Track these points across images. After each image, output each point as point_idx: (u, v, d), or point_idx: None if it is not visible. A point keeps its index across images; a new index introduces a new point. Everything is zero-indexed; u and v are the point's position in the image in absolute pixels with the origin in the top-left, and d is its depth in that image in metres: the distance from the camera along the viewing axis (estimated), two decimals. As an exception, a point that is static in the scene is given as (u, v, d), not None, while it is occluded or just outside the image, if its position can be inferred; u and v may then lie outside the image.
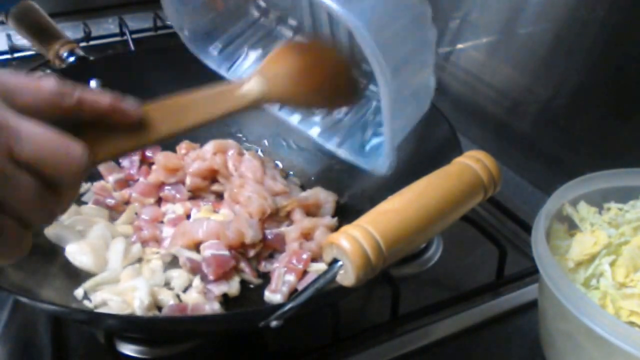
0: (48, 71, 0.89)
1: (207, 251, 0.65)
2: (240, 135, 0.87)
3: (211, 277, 0.63)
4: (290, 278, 0.65)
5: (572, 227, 0.60)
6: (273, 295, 0.64)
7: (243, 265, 0.67)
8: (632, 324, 0.52)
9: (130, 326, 0.58)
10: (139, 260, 0.69)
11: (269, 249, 0.69)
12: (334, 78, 0.62)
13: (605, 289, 0.54)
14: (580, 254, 0.56)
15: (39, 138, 0.37)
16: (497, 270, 0.69)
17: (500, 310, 0.66)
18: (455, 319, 0.64)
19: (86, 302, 0.63)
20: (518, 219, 0.77)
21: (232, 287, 0.64)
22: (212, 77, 0.85)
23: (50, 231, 0.68)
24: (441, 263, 0.72)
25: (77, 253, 0.66)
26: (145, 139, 0.47)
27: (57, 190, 0.39)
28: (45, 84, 0.41)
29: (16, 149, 0.36)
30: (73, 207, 0.72)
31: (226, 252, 0.65)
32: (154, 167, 0.79)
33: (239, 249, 0.67)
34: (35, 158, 0.37)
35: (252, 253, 0.68)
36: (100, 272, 0.66)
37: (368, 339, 0.62)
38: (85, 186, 0.77)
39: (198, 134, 0.84)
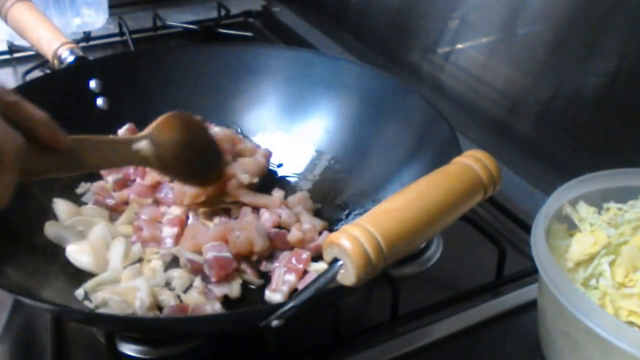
0: (48, 71, 0.89)
1: (210, 253, 0.65)
2: (238, 128, 0.87)
3: (213, 279, 0.63)
4: (291, 278, 0.65)
5: (572, 227, 0.60)
6: (273, 294, 0.64)
7: (244, 266, 0.67)
8: (631, 323, 0.52)
9: (133, 327, 0.58)
10: (139, 260, 0.69)
11: (270, 248, 0.69)
12: (207, 156, 0.70)
13: (604, 288, 0.54)
14: (579, 254, 0.56)
15: None
16: (496, 270, 0.69)
17: (499, 310, 0.66)
18: (455, 318, 0.64)
19: (87, 303, 0.63)
20: (518, 219, 0.77)
21: (234, 289, 0.64)
22: (211, 77, 0.86)
23: (50, 232, 0.68)
24: (441, 263, 0.72)
25: (77, 253, 0.67)
26: (65, 167, 0.53)
27: None
28: None
29: None
30: (73, 208, 0.72)
31: (228, 254, 0.65)
32: None
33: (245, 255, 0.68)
34: None
35: (255, 257, 0.68)
36: (100, 273, 0.66)
37: (368, 339, 0.62)
38: (84, 186, 0.77)
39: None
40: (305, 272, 0.66)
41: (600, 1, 0.78)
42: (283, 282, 0.65)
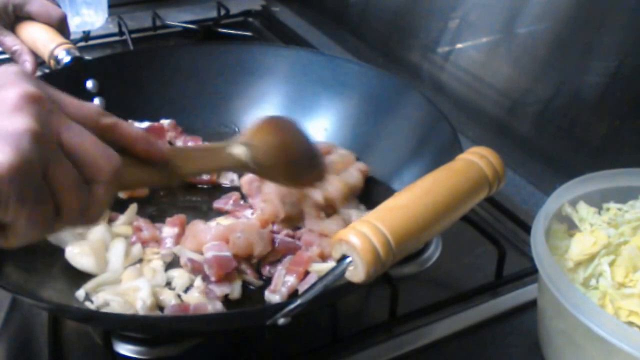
0: (47, 70, 0.88)
1: (209, 252, 0.65)
2: (237, 128, 0.87)
3: (213, 279, 0.63)
4: (291, 279, 0.65)
5: (572, 227, 0.60)
6: (272, 295, 0.64)
7: (244, 267, 0.66)
8: (631, 323, 0.52)
9: (136, 326, 0.58)
10: (140, 260, 0.69)
11: (277, 255, 0.68)
12: (303, 158, 0.68)
13: (604, 288, 0.54)
14: (579, 254, 0.56)
15: (85, 134, 0.42)
16: (496, 270, 0.69)
17: (499, 310, 0.66)
18: (454, 319, 0.64)
19: (88, 304, 0.63)
20: (517, 219, 0.77)
21: (235, 290, 0.64)
22: (210, 77, 0.86)
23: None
24: (440, 263, 0.72)
25: (77, 255, 0.66)
26: (162, 178, 0.53)
27: (91, 189, 0.43)
28: (88, 104, 0.46)
29: (64, 135, 0.41)
30: None
31: (228, 253, 0.65)
32: None
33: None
34: (79, 149, 0.41)
35: (255, 260, 0.67)
36: (100, 274, 0.66)
37: (367, 339, 0.62)
38: None
39: (196, 127, 0.85)
40: (306, 273, 0.66)
41: (600, 1, 0.78)
42: (283, 283, 0.64)
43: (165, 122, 0.83)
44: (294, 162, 0.66)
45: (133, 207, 0.74)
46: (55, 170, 0.40)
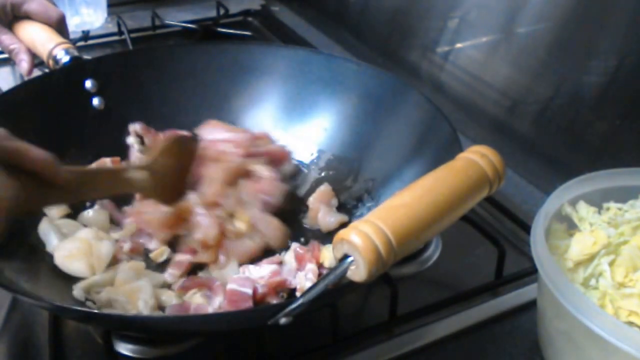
0: (46, 70, 0.88)
1: (232, 284, 0.62)
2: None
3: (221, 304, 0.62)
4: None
5: (571, 227, 0.60)
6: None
7: None
8: (631, 324, 0.52)
9: (144, 326, 0.58)
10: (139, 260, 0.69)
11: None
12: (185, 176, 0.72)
13: (604, 288, 0.54)
14: (579, 253, 0.56)
15: None
16: (496, 270, 0.68)
17: (499, 310, 0.66)
18: (454, 319, 0.64)
19: (90, 304, 0.63)
20: (517, 219, 0.77)
21: None
22: (208, 76, 0.86)
23: (40, 229, 0.68)
24: (440, 263, 0.72)
25: (65, 259, 0.66)
26: (65, 198, 0.58)
27: None
28: None
29: None
30: (64, 206, 0.72)
31: (249, 291, 0.61)
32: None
33: None
34: None
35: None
36: (90, 276, 0.65)
37: (367, 339, 0.62)
38: None
39: (195, 126, 0.84)
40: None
41: (600, 1, 0.78)
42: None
43: (135, 127, 0.82)
44: (178, 181, 0.70)
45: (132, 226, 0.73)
46: None
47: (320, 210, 0.74)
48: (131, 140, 0.81)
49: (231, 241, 0.68)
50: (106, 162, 0.77)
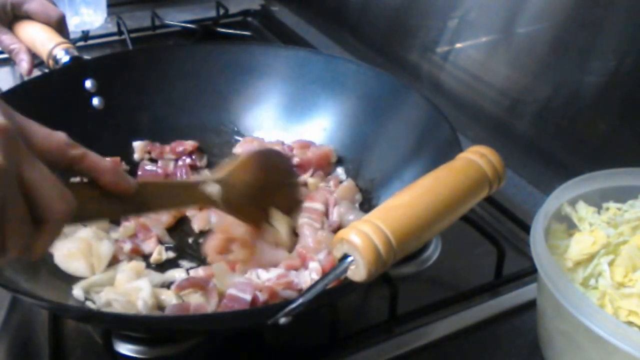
0: (46, 70, 0.88)
1: (232, 289, 0.61)
2: (235, 128, 0.86)
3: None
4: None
5: (571, 227, 0.60)
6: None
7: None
8: (630, 323, 0.52)
9: (143, 326, 0.58)
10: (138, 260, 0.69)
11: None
12: (279, 193, 0.68)
13: (603, 288, 0.54)
14: (579, 253, 0.56)
15: (44, 172, 0.42)
16: (495, 269, 0.68)
17: (498, 310, 0.66)
18: (454, 318, 0.64)
19: (89, 304, 0.63)
20: (517, 219, 0.77)
21: None
22: (208, 76, 0.86)
23: None
24: (440, 263, 0.72)
25: (66, 259, 0.66)
26: (127, 212, 0.54)
27: (39, 227, 0.42)
28: (57, 134, 0.46)
29: (26, 173, 0.40)
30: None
31: (248, 297, 0.60)
32: None
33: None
34: (35, 187, 0.41)
35: None
36: (90, 276, 0.65)
37: (366, 339, 0.62)
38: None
39: (195, 126, 0.84)
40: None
41: (600, 1, 0.78)
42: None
43: (139, 144, 0.82)
44: (264, 200, 0.65)
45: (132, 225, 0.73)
46: (7, 208, 0.39)
47: (342, 206, 0.73)
48: (137, 157, 0.82)
49: (265, 247, 0.67)
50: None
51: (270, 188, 0.67)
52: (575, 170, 0.63)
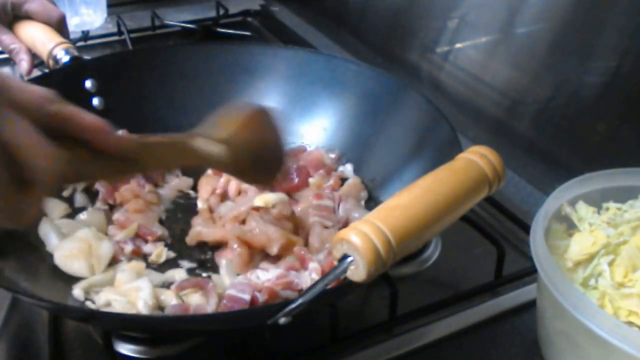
0: (46, 70, 0.88)
1: (231, 290, 0.61)
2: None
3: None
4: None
5: (571, 227, 0.60)
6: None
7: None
8: (630, 323, 0.51)
9: (143, 326, 0.58)
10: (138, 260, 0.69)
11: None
12: (273, 156, 0.63)
13: (603, 288, 0.54)
14: (578, 253, 0.56)
15: (22, 128, 0.38)
16: (495, 270, 0.68)
17: (498, 310, 0.66)
18: (454, 318, 0.64)
19: (89, 304, 0.63)
20: (517, 219, 0.77)
21: None
22: (208, 76, 0.86)
23: (40, 229, 0.68)
24: (439, 263, 0.72)
25: (65, 259, 0.66)
26: (120, 172, 0.48)
27: (25, 189, 0.39)
28: (37, 87, 0.42)
29: (2, 124, 0.37)
30: (63, 206, 0.73)
31: (247, 297, 0.60)
32: None
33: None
34: (16, 144, 0.37)
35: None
36: (90, 276, 0.65)
37: (366, 339, 0.62)
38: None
39: (195, 126, 0.84)
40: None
41: (599, 1, 0.78)
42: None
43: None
44: (267, 161, 0.62)
45: (134, 227, 0.72)
46: None
47: (348, 203, 0.73)
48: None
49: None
50: None
51: (268, 147, 0.64)
52: (575, 170, 0.63)
